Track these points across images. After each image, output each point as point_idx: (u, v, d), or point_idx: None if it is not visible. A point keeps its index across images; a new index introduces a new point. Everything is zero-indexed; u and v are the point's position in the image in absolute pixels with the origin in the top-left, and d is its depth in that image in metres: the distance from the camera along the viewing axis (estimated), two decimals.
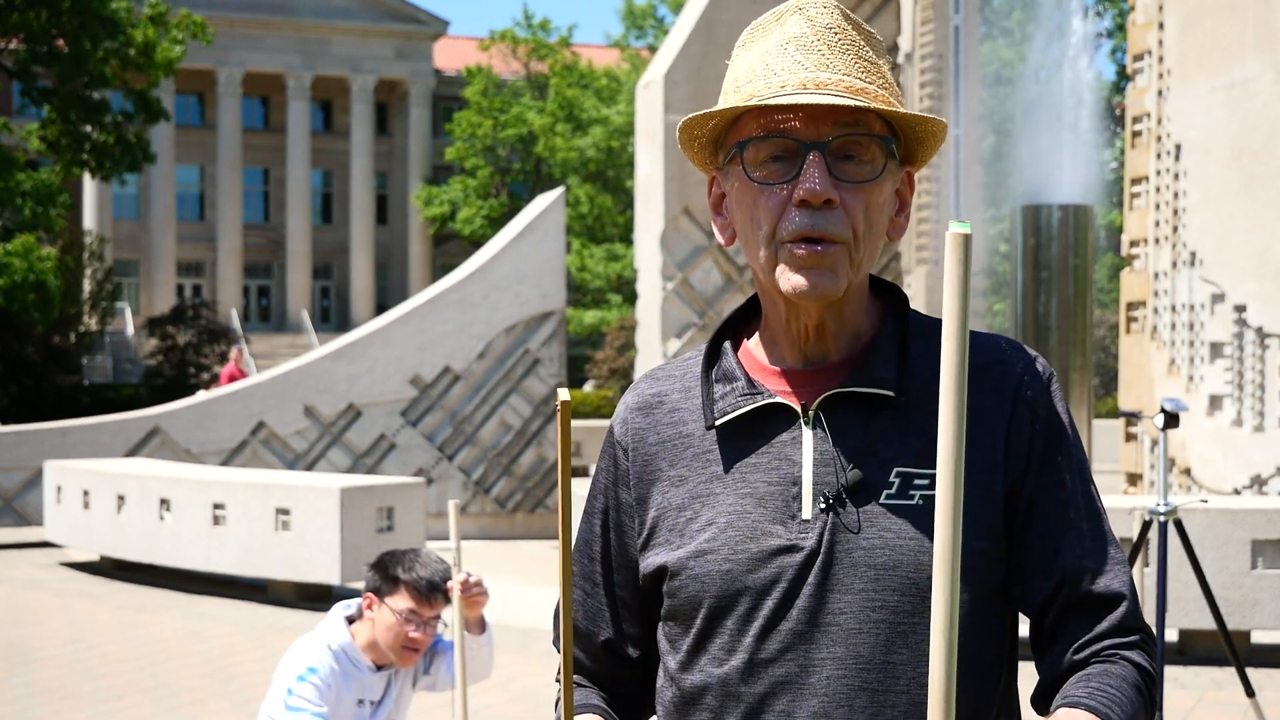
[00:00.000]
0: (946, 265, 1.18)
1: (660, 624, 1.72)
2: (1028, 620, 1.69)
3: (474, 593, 3.67)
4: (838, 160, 1.59)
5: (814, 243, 1.58)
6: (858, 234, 1.60)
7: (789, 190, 1.59)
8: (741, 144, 1.62)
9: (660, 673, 1.73)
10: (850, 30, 1.63)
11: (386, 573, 3.71)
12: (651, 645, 1.77)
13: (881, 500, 1.59)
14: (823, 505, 1.60)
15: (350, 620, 3.75)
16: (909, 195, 1.70)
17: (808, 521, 1.60)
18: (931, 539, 1.55)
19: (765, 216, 1.60)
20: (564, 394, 1.29)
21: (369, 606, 3.72)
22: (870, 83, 1.60)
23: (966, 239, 1.15)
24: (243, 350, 25.44)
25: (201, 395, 17.67)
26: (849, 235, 1.59)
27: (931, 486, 1.58)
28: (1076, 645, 1.61)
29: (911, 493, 1.58)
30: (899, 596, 1.56)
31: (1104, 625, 1.60)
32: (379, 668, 3.76)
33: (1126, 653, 1.60)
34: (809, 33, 1.61)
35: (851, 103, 1.56)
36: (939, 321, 1.69)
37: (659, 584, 1.70)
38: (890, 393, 1.61)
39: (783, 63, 1.60)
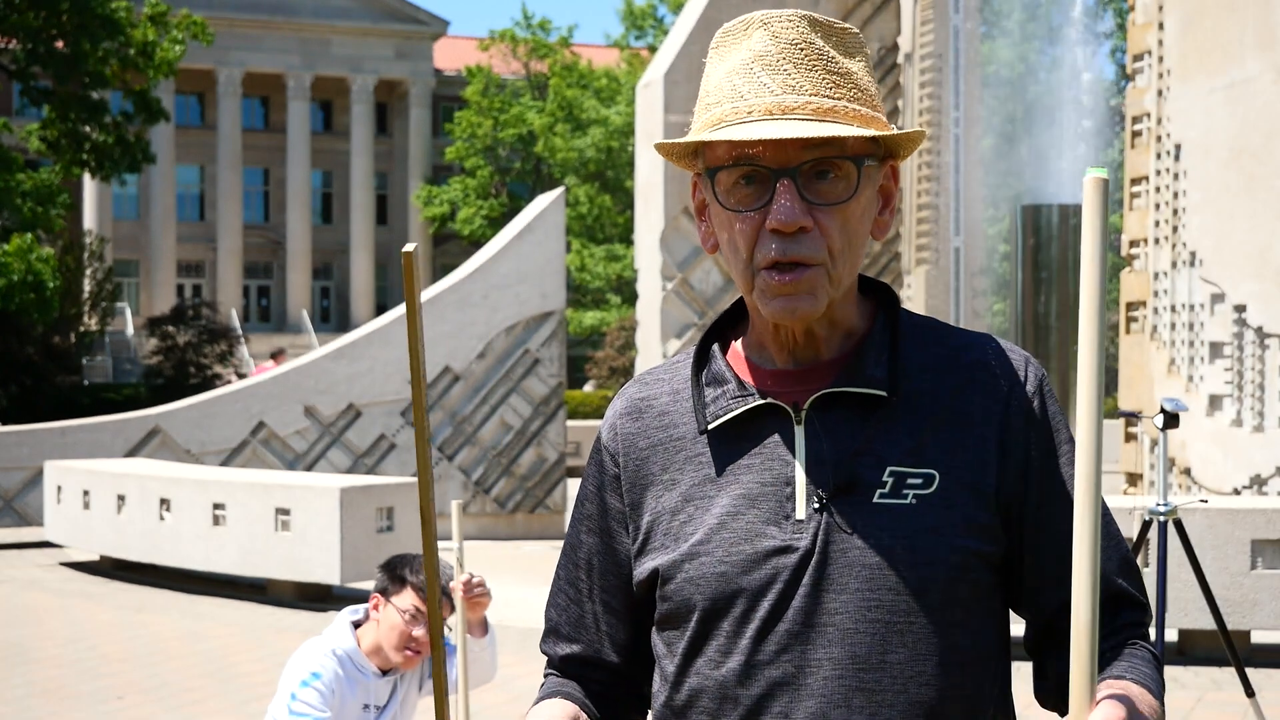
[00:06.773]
0: (1085, 209, 1.28)
1: (655, 629, 1.71)
2: (1029, 622, 1.71)
3: (476, 593, 3.67)
4: (810, 181, 1.57)
5: (789, 269, 1.57)
6: (834, 253, 1.58)
7: (762, 216, 1.58)
8: (712, 171, 1.61)
9: (656, 676, 1.72)
10: (818, 42, 1.59)
11: (394, 573, 3.75)
12: (635, 651, 1.77)
13: (875, 500, 1.59)
14: (816, 505, 1.59)
15: (356, 625, 3.78)
16: (893, 189, 1.67)
17: (801, 522, 1.59)
18: (926, 537, 1.56)
19: (742, 242, 1.59)
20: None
21: (375, 607, 3.75)
22: (840, 98, 1.57)
23: (1105, 183, 1.26)
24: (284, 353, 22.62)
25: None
26: (825, 256, 1.58)
27: (924, 486, 1.59)
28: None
29: (905, 492, 1.59)
30: (894, 595, 1.56)
31: (1120, 620, 1.65)
32: (384, 673, 3.77)
33: (1143, 642, 1.66)
34: (774, 50, 1.58)
35: (818, 132, 1.53)
36: (929, 320, 1.70)
37: (653, 589, 1.69)
38: (882, 392, 1.61)
39: (749, 85, 1.57)
